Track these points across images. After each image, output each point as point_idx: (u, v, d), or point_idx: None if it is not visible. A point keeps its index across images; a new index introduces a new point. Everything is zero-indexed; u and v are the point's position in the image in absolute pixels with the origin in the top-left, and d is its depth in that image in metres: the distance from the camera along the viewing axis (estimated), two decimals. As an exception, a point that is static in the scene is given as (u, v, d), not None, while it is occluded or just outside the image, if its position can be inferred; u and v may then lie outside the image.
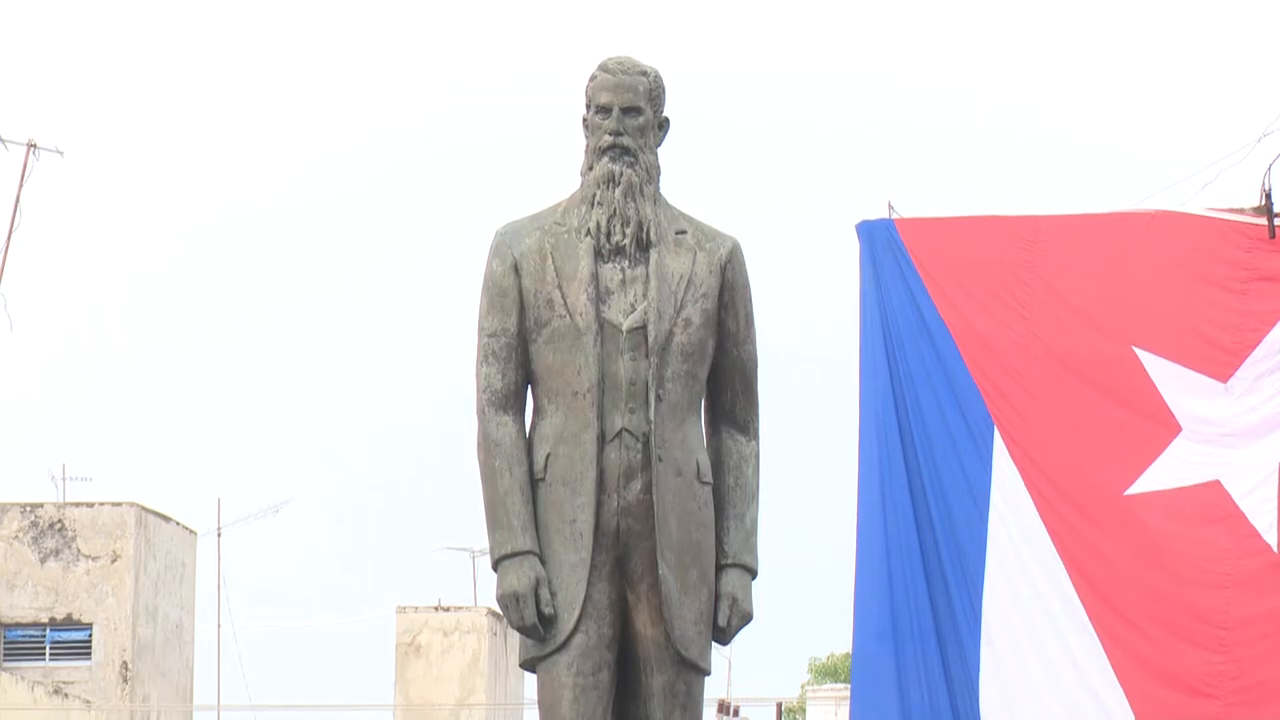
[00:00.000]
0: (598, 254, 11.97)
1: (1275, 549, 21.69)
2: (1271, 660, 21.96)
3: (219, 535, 53.59)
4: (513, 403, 12.14)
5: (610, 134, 12.10)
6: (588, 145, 12.31)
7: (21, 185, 44.83)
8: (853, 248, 23.08)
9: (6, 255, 44.44)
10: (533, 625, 11.73)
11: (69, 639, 48.05)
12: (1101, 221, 23.49)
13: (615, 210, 11.98)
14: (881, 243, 22.70)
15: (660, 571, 11.75)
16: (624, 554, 11.88)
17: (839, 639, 26.69)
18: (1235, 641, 21.80)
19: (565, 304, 11.93)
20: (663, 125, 12.51)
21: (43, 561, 47.21)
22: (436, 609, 48.84)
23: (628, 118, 12.11)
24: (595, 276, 11.96)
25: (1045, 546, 22.26)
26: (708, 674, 12.37)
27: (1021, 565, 22.39)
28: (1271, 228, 22.80)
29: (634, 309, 11.91)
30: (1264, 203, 22.85)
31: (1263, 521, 21.91)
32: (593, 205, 12.07)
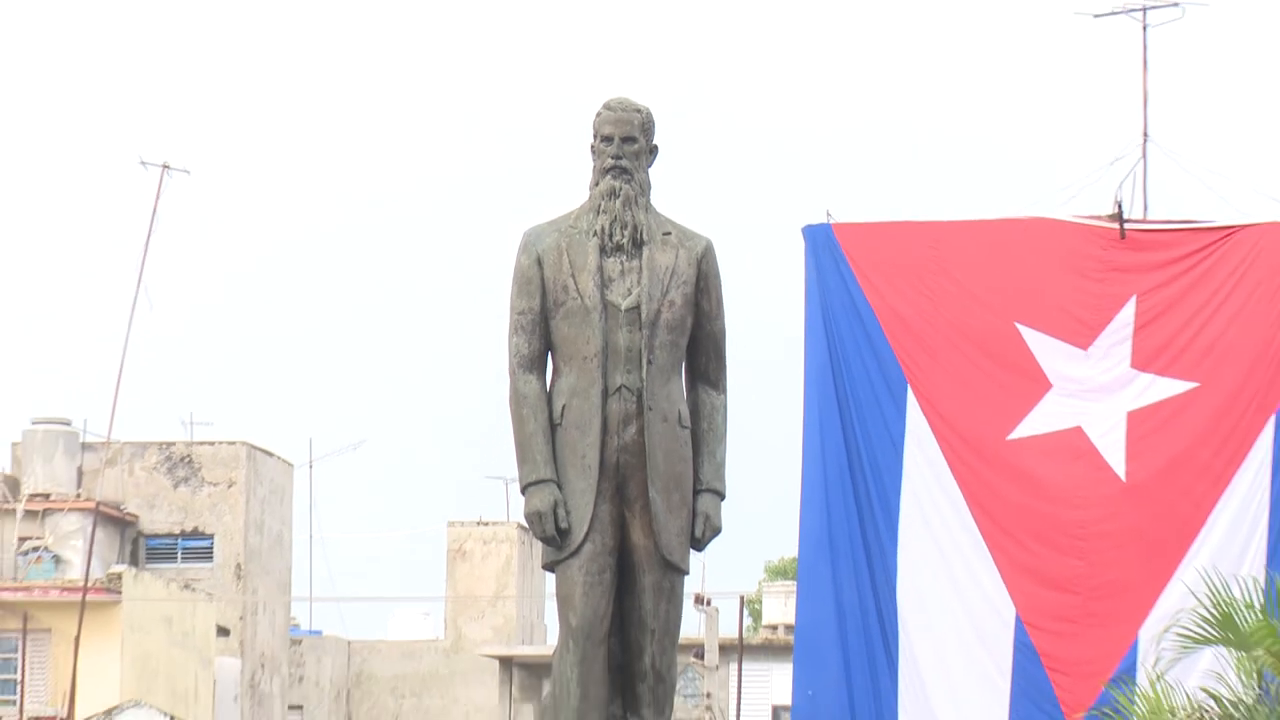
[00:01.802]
0: (602, 250, 12.12)
1: (1123, 479, 22.20)
2: (1119, 564, 22.49)
3: (310, 466, 53.79)
4: (536, 365, 12.22)
5: (612, 158, 12.23)
6: (595, 166, 12.42)
7: (158, 200, 44.82)
8: (799, 246, 23.28)
9: (146, 254, 44.38)
10: (552, 536, 12.07)
11: (195, 546, 47.83)
12: (992, 225, 23.77)
13: (616, 217, 12.16)
14: (821, 243, 22.96)
15: (650, 495, 11.95)
16: (622, 482, 12.04)
17: (788, 546, 26.26)
18: (1092, 550, 22.35)
19: (577, 289, 12.11)
20: (653, 151, 12.60)
21: (175, 487, 46.87)
22: (478, 523, 48.56)
23: (625, 145, 12.24)
24: (600, 268, 12.14)
25: (947, 478, 22.61)
26: (687, 573, 12.58)
27: (929, 493, 22.70)
28: (1122, 230, 23.03)
29: (630, 293, 12.09)
30: (1116, 211, 23.23)
31: (1114, 458, 22.27)
32: (598, 213, 12.25)
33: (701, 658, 33.51)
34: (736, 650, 38.22)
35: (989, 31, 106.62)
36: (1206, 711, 18.39)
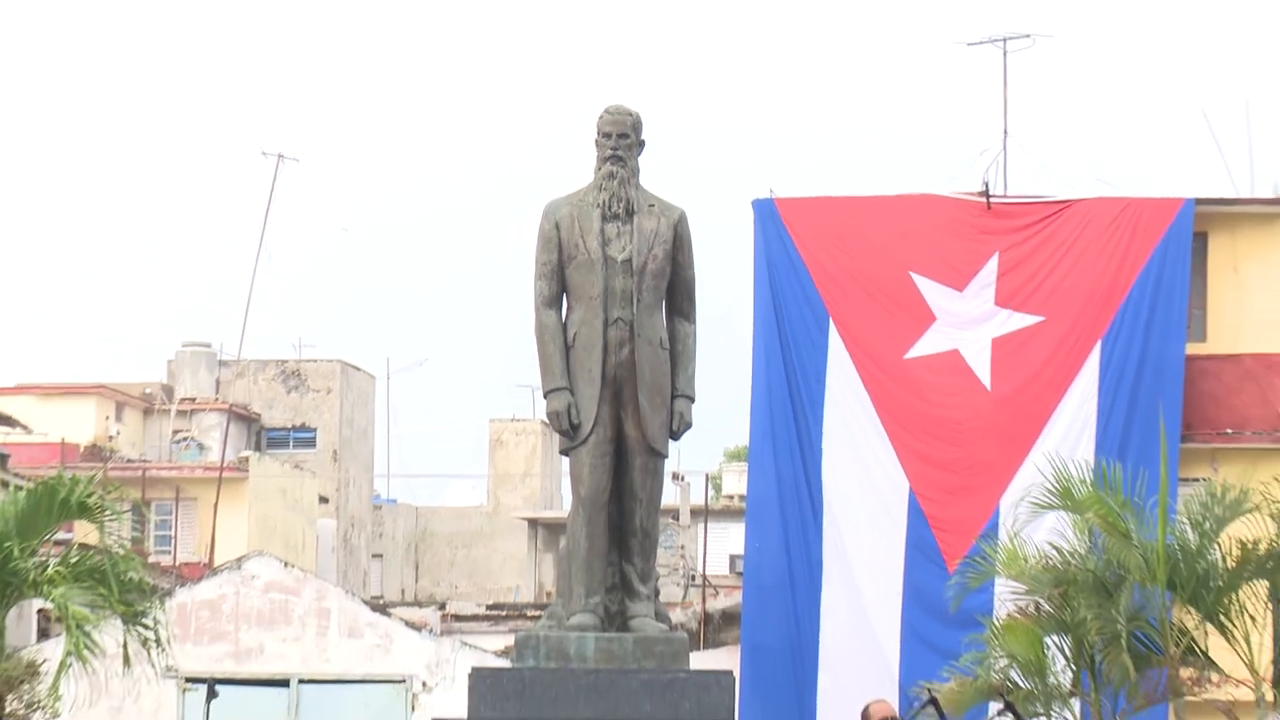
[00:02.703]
0: (603, 218, 12.86)
1: (988, 388, 23.66)
2: (986, 451, 23.74)
3: (387, 378, 54.72)
4: (555, 303, 12.98)
5: (610, 149, 13.08)
6: (598, 155, 13.23)
7: (275, 181, 45.09)
8: (749, 215, 24.61)
9: (266, 221, 44.57)
10: (566, 430, 12.87)
11: (303, 437, 48.57)
12: (894, 200, 24.85)
13: (614, 194, 12.95)
14: (766, 212, 24.11)
15: (639, 400, 12.85)
16: (618, 389, 12.81)
17: (741, 437, 26.57)
18: (966, 440, 23.84)
19: (585, 247, 12.93)
20: (641, 144, 13.32)
21: (288, 393, 47.84)
22: (512, 420, 48.95)
23: (620, 140, 13.04)
24: (602, 231, 12.92)
25: (859, 387, 23.90)
26: (666, 457, 13.27)
27: (845, 399, 24.01)
28: (988, 203, 24.31)
29: (625, 249, 12.93)
30: (984, 189, 24.47)
31: (982, 373, 23.66)
32: (600, 190, 13.01)
33: (678, 519, 34.80)
34: (703, 514, 38.29)
35: (892, 54, 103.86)
36: (1050, 559, 19.24)
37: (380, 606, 32.43)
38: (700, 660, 16.02)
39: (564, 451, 13.47)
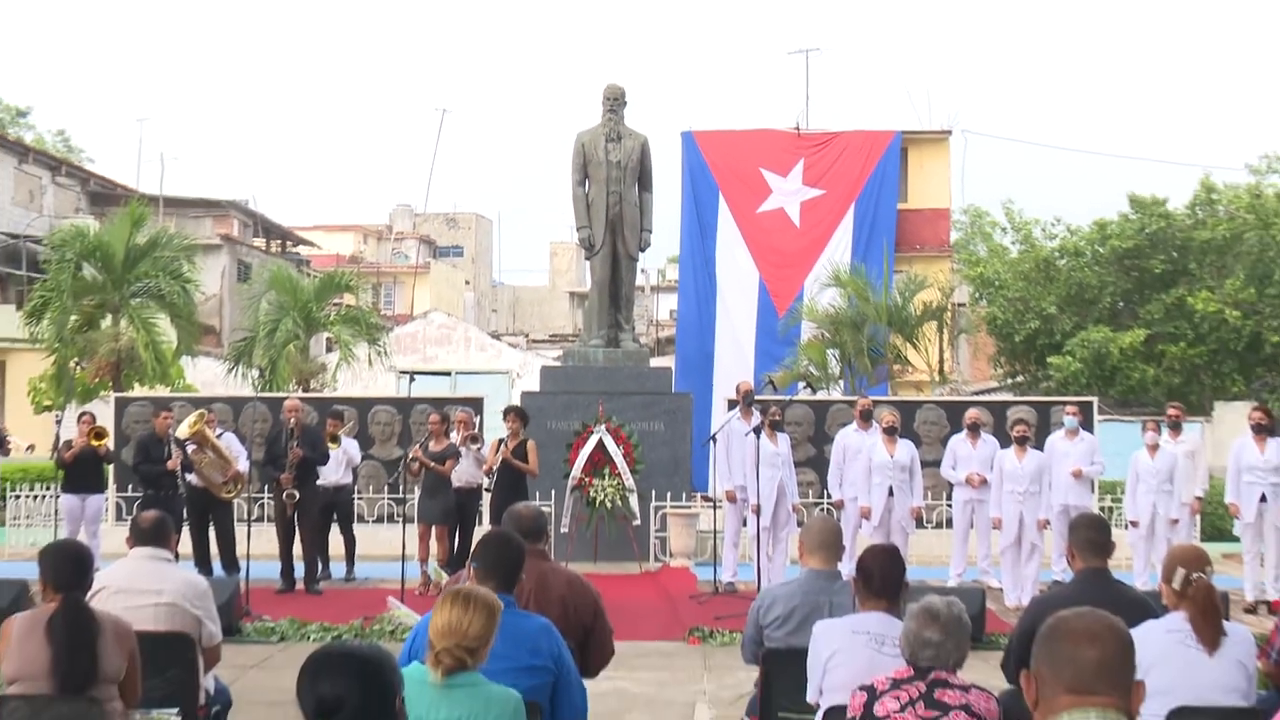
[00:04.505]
0: (606, 139, 13.96)
1: (798, 226, 24.20)
2: (797, 256, 23.56)
3: (499, 221, 54.02)
4: (581, 183, 13.97)
5: (610, 106, 14.18)
6: (603, 108, 14.21)
7: (440, 131, 45.73)
8: (678, 141, 24.67)
9: (434, 164, 47.19)
10: (588, 246, 14.11)
11: (457, 251, 47.53)
12: (756, 132, 24.99)
13: (611, 128, 14.03)
14: (689, 139, 24.37)
15: (625, 232, 14.01)
16: (615, 224, 13.95)
17: (675, 249, 26.99)
18: (788, 253, 23.49)
19: (597, 154, 13.87)
20: (624, 104, 14.16)
21: (449, 229, 47.15)
22: (561, 243, 46.96)
23: (615, 101, 14.13)
24: (606, 147, 13.86)
25: (735, 231, 24.25)
26: (637, 260, 14.82)
27: (727, 233, 24.20)
28: (799, 133, 25.03)
29: (616, 155, 13.90)
30: (796, 126, 25.40)
31: (794, 219, 24.21)
32: (604, 126, 14.04)
33: (644, 291, 34.06)
34: (657, 290, 39.68)
35: (737, 64, 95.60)
36: (829, 309, 20.82)
37: (495, 335, 33.31)
38: (655, 362, 17.01)
39: (587, 257, 14.65)
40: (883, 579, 4.24)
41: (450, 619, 3.21)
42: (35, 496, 15.31)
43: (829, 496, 12.10)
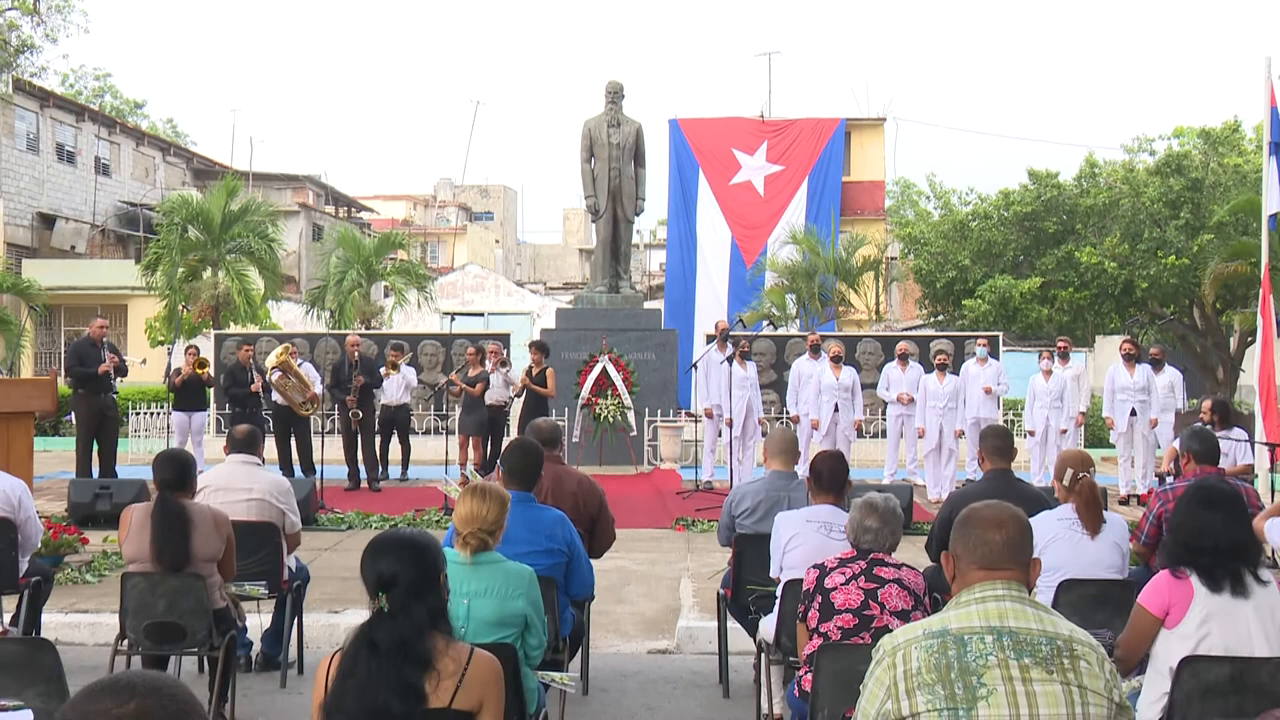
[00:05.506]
0: (608, 125, 13.60)
1: (762, 195, 23.10)
2: (763, 216, 22.99)
3: (522, 191, 54.04)
4: (589, 160, 13.62)
5: (611, 98, 13.80)
6: (606, 99, 13.87)
7: (474, 121, 44.68)
8: (666, 127, 23.89)
9: (469, 146, 45.97)
10: (594, 210, 13.86)
11: (489, 216, 46.72)
12: (729, 120, 24.30)
13: (612, 116, 13.72)
14: (676, 127, 23.63)
15: (623, 200, 13.65)
16: (616, 194, 13.64)
17: (663, 213, 25.20)
18: (756, 216, 23.33)
19: (600, 138, 13.62)
20: (623, 96, 13.77)
21: (482, 197, 46.26)
22: (574, 209, 44.72)
23: (615, 94, 13.76)
24: (608, 130, 13.55)
25: (711, 196, 23.54)
26: (634, 223, 14.36)
27: (705, 201, 23.48)
28: (764, 119, 24.32)
29: (617, 138, 13.60)
30: (761, 115, 24.83)
31: (759, 189, 23.49)
32: (606, 114, 13.71)
33: (638, 247, 33.41)
34: (650, 246, 38.24)
35: (715, 64, 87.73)
36: (788, 263, 20.42)
37: (519, 284, 33.29)
38: (648, 305, 16.61)
39: (593, 220, 14.36)
40: (830, 478, 4.25)
41: (471, 509, 3.22)
42: (151, 413, 15.72)
43: (787, 412, 12.07)
